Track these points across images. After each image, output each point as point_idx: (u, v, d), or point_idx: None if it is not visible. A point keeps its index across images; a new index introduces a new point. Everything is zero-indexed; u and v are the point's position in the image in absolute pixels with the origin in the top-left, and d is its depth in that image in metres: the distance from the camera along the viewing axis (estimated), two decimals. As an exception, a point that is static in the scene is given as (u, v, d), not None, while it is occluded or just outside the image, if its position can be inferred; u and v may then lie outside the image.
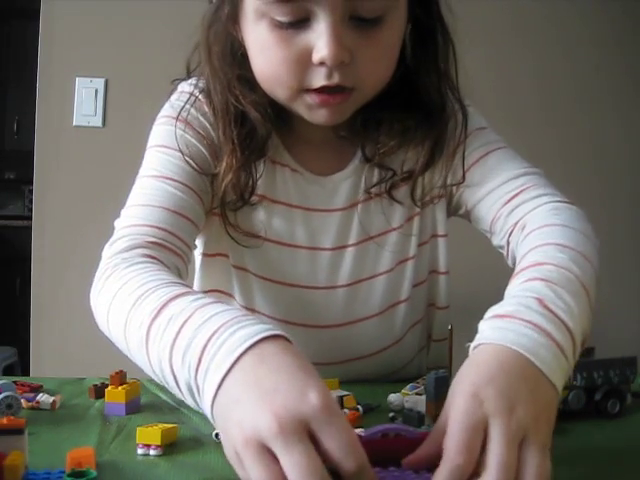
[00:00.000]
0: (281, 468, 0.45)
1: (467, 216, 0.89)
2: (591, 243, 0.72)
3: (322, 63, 0.71)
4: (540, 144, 1.95)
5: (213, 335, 0.52)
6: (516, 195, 0.81)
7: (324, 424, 0.46)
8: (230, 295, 0.90)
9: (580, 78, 2.04)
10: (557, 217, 0.76)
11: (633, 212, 2.07)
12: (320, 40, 0.70)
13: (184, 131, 0.82)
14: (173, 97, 0.86)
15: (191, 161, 0.80)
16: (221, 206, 0.83)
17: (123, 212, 0.78)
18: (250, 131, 0.81)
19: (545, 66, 2.01)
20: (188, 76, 0.86)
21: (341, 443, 0.45)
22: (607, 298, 2.12)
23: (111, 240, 0.74)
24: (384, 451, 0.51)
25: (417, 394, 0.74)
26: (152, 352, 0.58)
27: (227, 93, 0.80)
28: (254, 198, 0.84)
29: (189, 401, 0.55)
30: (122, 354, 0.79)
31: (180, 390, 0.55)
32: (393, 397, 0.74)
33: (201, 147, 0.82)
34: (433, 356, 0.98)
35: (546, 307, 0.57)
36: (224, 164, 0.80)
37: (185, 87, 0.86)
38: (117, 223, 0.77)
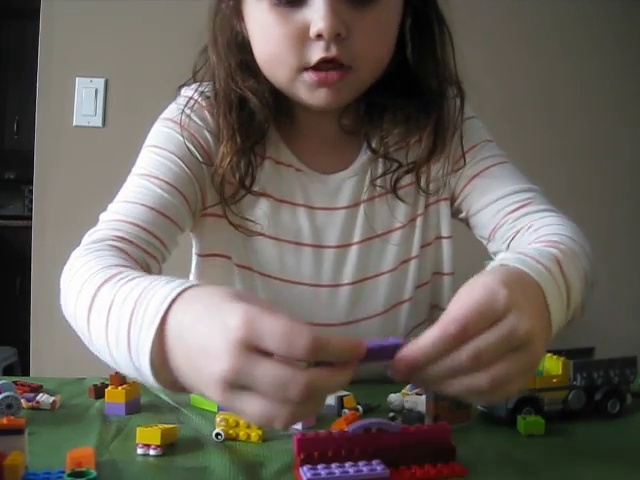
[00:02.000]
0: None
1: (466, 220, 0.92)
2: (591, 254, 0.76)
3: (319, 36, 0.74)
4: (540, 144, 1.95)
5: (132, 318, 0.55)
6: (523, 206, 0.85)
7: (257, 335, 0.46)
8: None
9: (580, 78, 2.04)
10: (565, 224, 0.80)
11: (633, 212, 2.07)
12: (316, 14, 0.73)
13: (179, 134, 0.84)
14: (175, 102, 0.89)
15: (180, 162, 0.83)
16: (221, 202, 0.85)
17: (109, 206, 0.82)
18: (249, 117, 0.83)
19: (545, 66, 2.01)
20: (194, 76, 0.89)
21: (280, 334, 0.46)
22: (607, 298, 2.13)
23: (91, 231, 0.78)
24: (367, 444, 0.53)
25: (417, 394, 0.74)
26: (97, 343, 0.61)
27: (229, 79, 0.83)
28: (256, 190, 0.85)
29: (133, 374, 0.57)
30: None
31: (124, 372, 0.58)
32: (393, 397, 0.74)
33: (194, 150, 0.84)
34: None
35: (562, 270, 0.63)
36: (222, 149, 0.83)
37: (188, 92, 0.88)
38: (101, 216, 0.81)
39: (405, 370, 0.50)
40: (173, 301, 0.53)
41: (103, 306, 0.60)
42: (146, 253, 0.77)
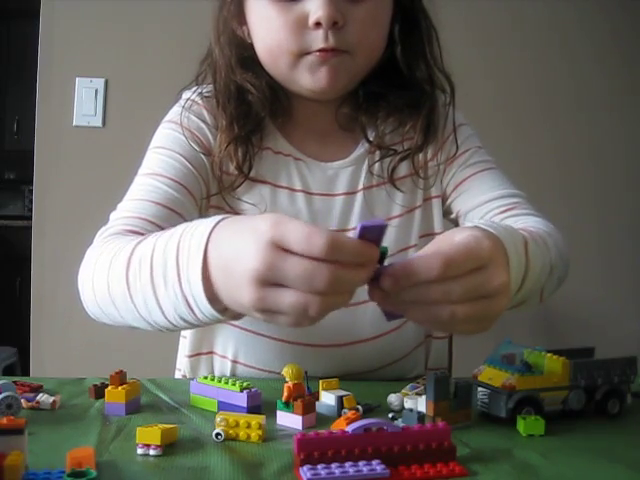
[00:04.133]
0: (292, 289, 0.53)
1: (456, 220, 0.97)
2: (565, 254, 0.83)
3: (318, 25, 0.80)
4: (537, 144, 1.95)
5: (178, 249, 0.60)
6: (509, 209, 0.90)
7: (284, 234, 0.53)
8: None
9: (579, 79, 2.04)
10: (545, 224, 0.86)
11: (632, 212, 2.07)
12: (314, 4, 0.80)
13: (181, 133, 0.90)
14: (177, 104, 0.94)
15: (183, 159, 0.88)
16: (221, 190, 0.89)
17: (118, 206, 0.86)
18: (247, 108, 0.89)
19: (543, 66, 2.01)
20: (196, 80, 0.94)
21: (302, 235, 0.52)
22: (607, 298, 2.13)
23: (103, 229, 0.82)
24: (367, 444, 0.54)
25: (417, 394, 0.74)
26: (137, 297, 0.65)
27: (229, 71, 0.89)
28: (255, 177, 0.89)
29: (177, 313, 0.62)
30: (122, 354, 0.79)
31: (166, 316, 0.64)
32: (393, 397, 0.74)
33: (195, 146, 0.89)
34: (433, 356, 0.99)
35: (526, 248, 0.68)
36: (220, 137, 0.88)
37: (188, 94, 0.94)
38: (111, 215, 0.85)
39: (389, 286, 0.57)
40: (215, 227, 0.59)
41: (145, 255, 0.64)
42: None
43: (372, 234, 0.55)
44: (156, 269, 0.62)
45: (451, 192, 0.96)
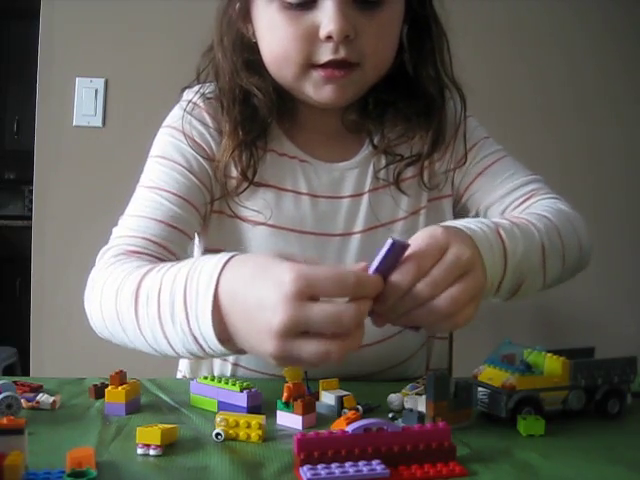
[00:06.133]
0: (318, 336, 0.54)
1: (477, 217, 0.93)
2: (575, 234, 0.82)
3: (329, 38, 0.77)
4: (536, 145, 1.95)
5: (186, 289, 0.61)
6: (529, 198, 0.89)
7: (312, 284, 0.53)
8: None
9: (578, 80, 2.03)
10: (552, 208, 0.85)
11: (631, 213, 2.07)
12: (326, 16, 0.77)
13: (183, 143, 0.87)
14: (177, 105, 0.91)
15: (187, 172, 0.85)
16: (224, 196, 0.88)
17: (120, 221, 0.84)
18: (252, 112, 0.86)
19: (541, 68, 2.01)
20: (197, 77, 0.91)
21: (332, 279, 0.54)
22: (607, 299, 2.13)
23: (105, 248, 0.81)
24: (367, 444, 0.54)
25: (417, 394, 0.74)
26: (145, 331, 0.66)
27: (234, 75, 0.86)
28: (259, 181, 0.87)
29: (186, 349, 0.63)
30: (122, 354, 0.79)
31: (175, 350, 0.65)
32: (393, 397, 0.74)
33: (198, 156, 0.87)
34: (434, 357, 0.99)
35: (499, 233, 0.69)
36: (224, 142, 0.86)
37: (189, 95, 0.91)
38: (114, 231, 0.83)
39: (380, 309, 0.59)
40: (223, 267, 0.59)
41: (152, 291, 0.65)
42: (161, 262, 0.78)
43: (397, 252, 0.58)
44: (163, 308, 0.63)
45: (465, 190, 0.94)
